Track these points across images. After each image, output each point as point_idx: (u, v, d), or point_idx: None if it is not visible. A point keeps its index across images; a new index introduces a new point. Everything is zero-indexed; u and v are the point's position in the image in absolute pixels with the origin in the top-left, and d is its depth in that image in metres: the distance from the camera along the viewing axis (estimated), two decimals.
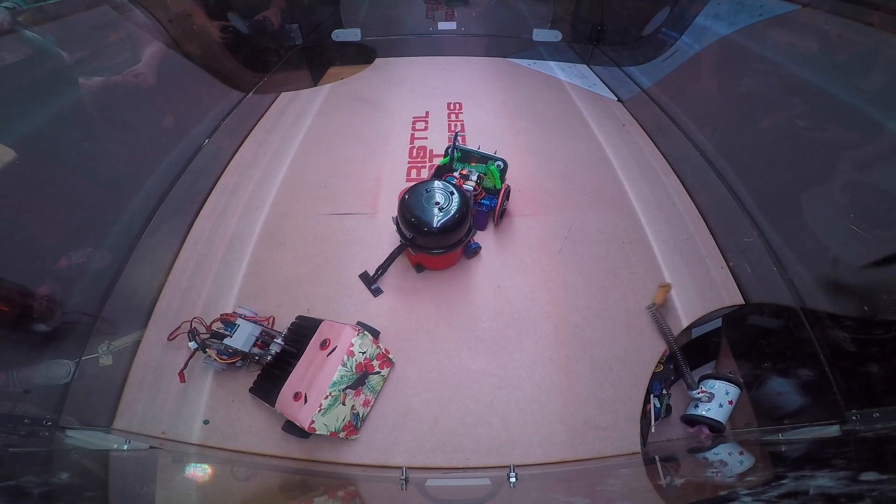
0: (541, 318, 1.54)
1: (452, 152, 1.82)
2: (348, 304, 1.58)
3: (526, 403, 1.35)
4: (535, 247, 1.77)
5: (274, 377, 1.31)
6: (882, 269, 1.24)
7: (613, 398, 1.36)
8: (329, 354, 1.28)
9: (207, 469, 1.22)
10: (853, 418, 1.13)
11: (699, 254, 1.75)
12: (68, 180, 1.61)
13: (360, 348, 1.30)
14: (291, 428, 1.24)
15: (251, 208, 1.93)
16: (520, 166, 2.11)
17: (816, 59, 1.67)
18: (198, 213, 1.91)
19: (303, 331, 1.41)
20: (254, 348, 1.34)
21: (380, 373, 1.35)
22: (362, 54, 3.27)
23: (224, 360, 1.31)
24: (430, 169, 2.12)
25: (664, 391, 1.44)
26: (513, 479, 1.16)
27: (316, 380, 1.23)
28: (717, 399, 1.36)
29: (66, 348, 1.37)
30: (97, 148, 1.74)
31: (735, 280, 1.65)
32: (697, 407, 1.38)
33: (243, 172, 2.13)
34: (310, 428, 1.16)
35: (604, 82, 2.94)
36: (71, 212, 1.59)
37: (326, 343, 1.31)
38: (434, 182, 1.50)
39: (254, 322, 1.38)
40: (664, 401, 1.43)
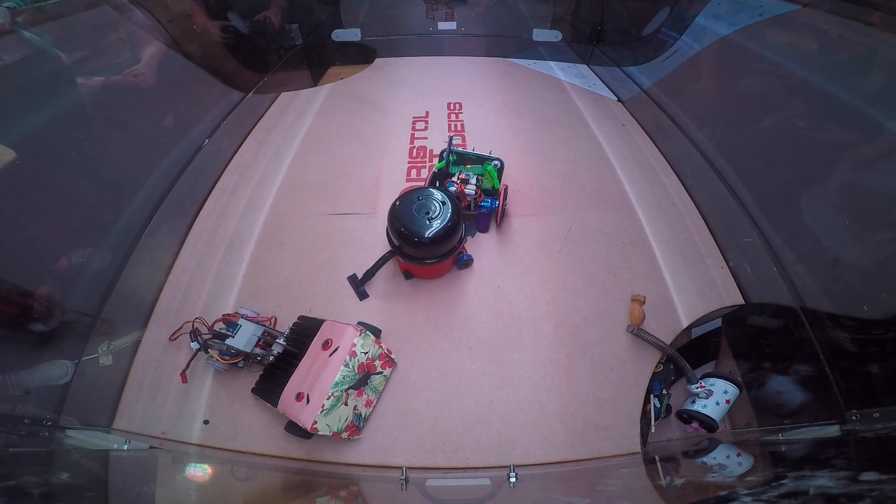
0: (541, 318, 1.54)
1: (448, 156, 1.81)
2: (349, 305, 1.58)
3: (526, 403, 1.35)
4: (535, 247, 1.77)
5: (276, 377, 1.31)
6: (882, 268, 1.24)
7: (613, 398, 1.36)
8: (331, 355, 1.27)
9: (208, 469, 1.22)
10: (853, 418, 1.13)
11: (699, 254, 1.75)
12: (68, 180, 1.61)
13: (363, 348, 1.30)
14: (294, 428, 1.24)
15: (251, 208, 1.93)
16: (520, 166, 2.11)
17: (816, 59, 1.67)
18: (198, 213, 1.91)
19: (305, 331, 1.41)
20: (256, 348, 1.34)
21: (382, 373, 1.35)
22: (362, 54, 3.27)
23: (226, 361, 1.31)
24: (429, 169, 2.12)
25: (664, 391, 1.44)
26: (513, 479, 1.15)
27: (318, 380, 1.22)
28: (714, 396, 1.36)
29: (66, 348, 1.37)
30: (97, 148, 1.74)
31: (735, 280, 1.65)
32: (694, 402, 1.39)
33: (243, 172, 2.13)
34: (312, 428, 1.16)
35: (604, 82, 2.94)
36: (71, 212, 1.59)
37: (328, 343, 1.31)
38: (428, 189, 1.49)
39: (256, 322, 1.38)
40: (664, 401, 1.43)
